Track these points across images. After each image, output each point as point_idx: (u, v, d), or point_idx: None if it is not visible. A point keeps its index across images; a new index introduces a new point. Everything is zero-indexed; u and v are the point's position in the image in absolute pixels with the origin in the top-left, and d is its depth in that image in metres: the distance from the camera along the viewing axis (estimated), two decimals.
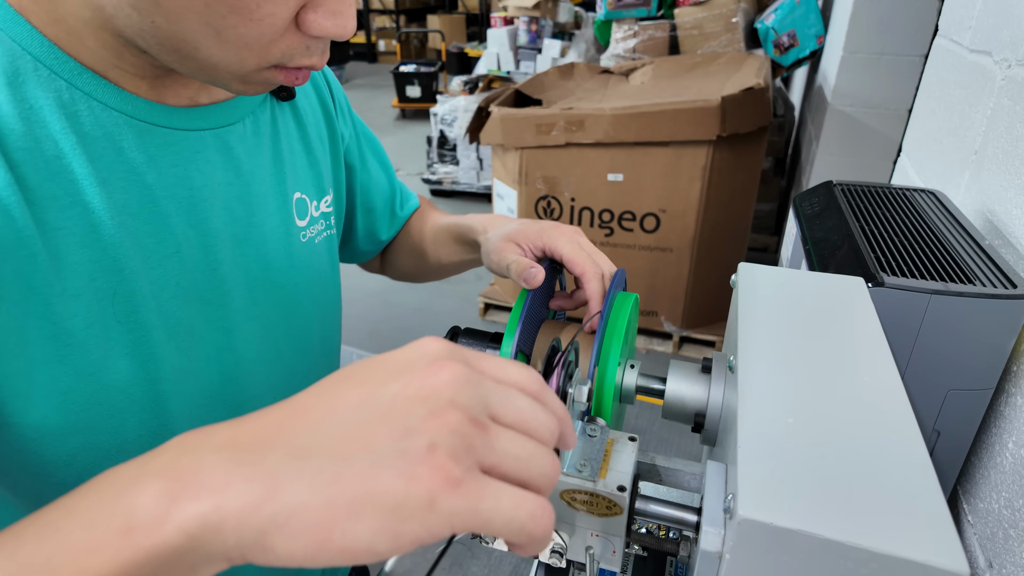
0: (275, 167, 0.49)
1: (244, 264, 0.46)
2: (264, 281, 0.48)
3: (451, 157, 3.79)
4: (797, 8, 2.30)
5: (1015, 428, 0.50)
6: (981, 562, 0.52)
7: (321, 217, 0.54)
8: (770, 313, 0.40)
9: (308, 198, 0.53)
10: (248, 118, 0.47)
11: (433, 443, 0.22)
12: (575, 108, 1.96)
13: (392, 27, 8.64)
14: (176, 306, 0.42)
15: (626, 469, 0.34)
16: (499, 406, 0.25)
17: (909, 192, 0.68)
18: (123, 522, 0.21)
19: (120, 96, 0.38)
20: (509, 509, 0.23)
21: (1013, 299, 0.46)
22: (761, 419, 0.31)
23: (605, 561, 0.35)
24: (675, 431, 1.92)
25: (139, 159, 0.39)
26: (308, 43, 0.36)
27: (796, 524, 0.26)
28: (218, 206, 0.44)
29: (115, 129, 0.38)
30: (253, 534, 0.21)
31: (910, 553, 0.25)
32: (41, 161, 0.35)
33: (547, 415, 0.26)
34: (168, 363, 0.42)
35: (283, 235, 0.49)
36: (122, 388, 0.40)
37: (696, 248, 2.05)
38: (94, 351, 0.38)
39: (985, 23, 0.76)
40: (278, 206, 0.49)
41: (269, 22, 0.33)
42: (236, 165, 0.45)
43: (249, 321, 0.47)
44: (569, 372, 0.34)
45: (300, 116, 0.53)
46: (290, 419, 0.24)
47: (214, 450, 0.23)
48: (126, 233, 0.38)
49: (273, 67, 0.37)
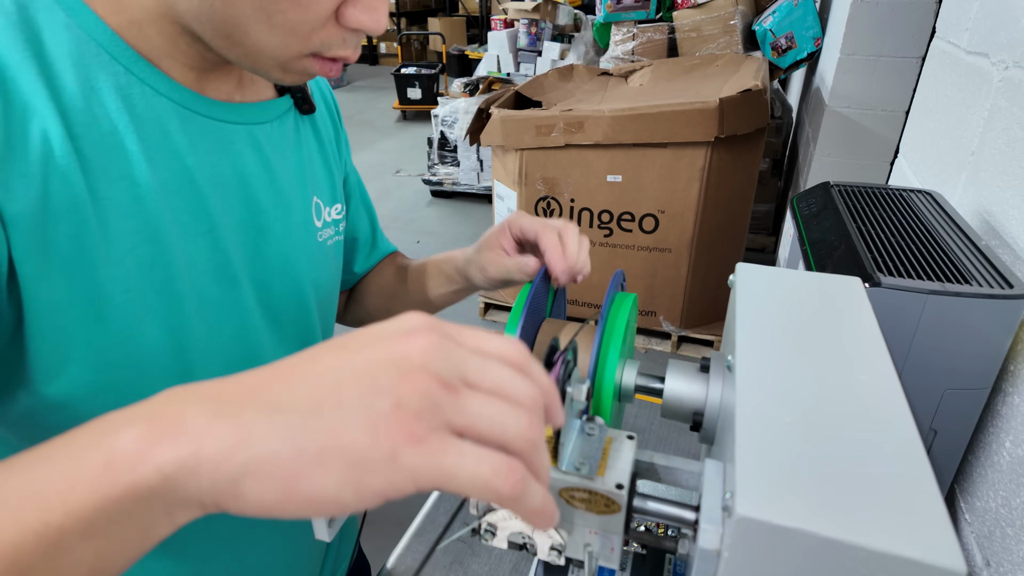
0: (297, 170, 0.52)
1: (266, 253, 0.49)
2: (282, 272, 0.50)
3: (452, 158, 3.80)
4: (795, 10, 2.31)
5: (1012, 427, 0.50)
6: (978, 560, 0.52)
7: (332, 223, 0.57)
8: (768, 313, 0.40)
9: (323, 204, 0.56)
10: (275, 121, 0.50)
11: (399, 402, 0.23)
12: (575, 110, 1.96)
13: (393, 30, 8.65)
14: (206, 282, 0.45)
15: (624, 467, 0.34)
16: (474, 373, 0.26)
17: (906, 193, 0.68)
18: (104, 457, 0.23)
19: (169, 84, 0.42)
20: (472, 464, 0.23)
21: (1009, 299, 0.47)
22: (759, 418, 0.31)
23: (604, 559, 0.35)
24: (674, 430, 1.92)
25: (182, 142, 0.42)
26: (344, 35, 0.39)
27: (794, 522, 0.26)
28: (247, 195, 0.47)
29: (163, 113, 0.41)
30: (226, 480, 0.22)
31: (907, 551, 0.25)
32: (97, 136, 0.38)
33: (527, 383, 0.26)
34: (197, 335, 0.44)
35: (303, 232, 0.52)
36: (154, 353, 0.42)
37: (694, 248, 2.05)
38: (131, 316, 0.40)
39: (982, 25, 0.77)
40: (300, 205, 0.52)
41: (315, 9, 0.36)
42: (265, 160, 0.48)
43: (264, 307, 0.50)
44: (568, 371, 0.35)
45: (318, 130, 0.57)
46: (271, 379, 0.25)
47: (198, 401, 0.24)
48: (167, 208, 0.41)
49: (311, 56, 0.39)
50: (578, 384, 0.34)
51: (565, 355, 0.36)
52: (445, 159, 3.82)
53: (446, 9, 9.47)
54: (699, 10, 2.49)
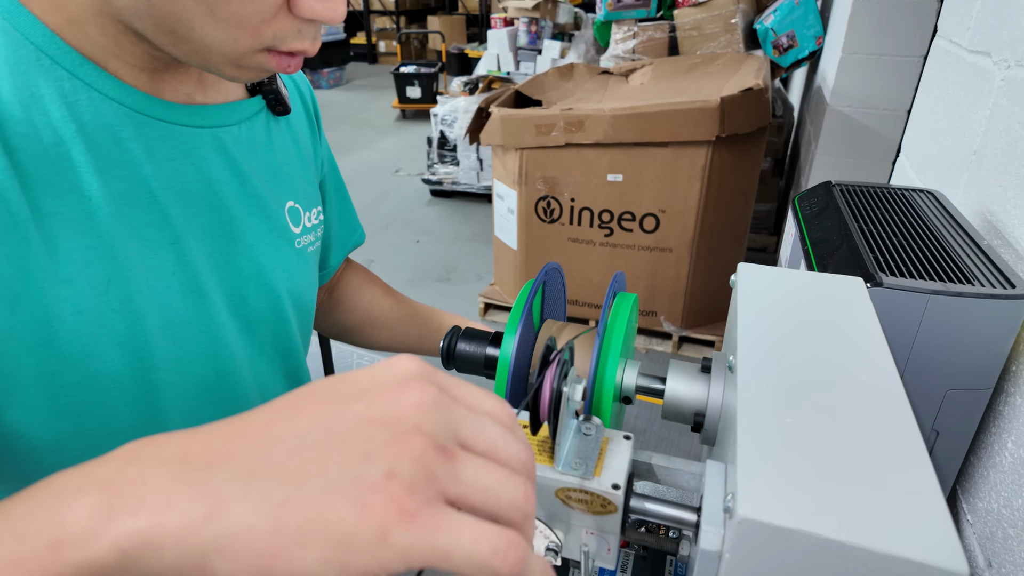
0: (271, 174, 0.50)
1: (238, 262, 0.47)
2: (256, 282, 0.48)
3: (451, 158, 3.79)
4: (796, 9, 2.31)
5: (1014, 428, 0.50)
6: (980, 561, 0.52)
7: (312, 228, 0.55)
8: (769, 313, 0.40)
9: (301, 208, 0.53)
10: (244, 123, 0.47)
11: (391, 470, 0.21)
12: (575, 109, 1.96)
13: (392, 28, 8.64)
14: (171, 297, 0.42)
15: (621, 467, 0.34)
16: (469, 432, 0.24)
17: (908, 192, 0.68)
18: (53, 534, 0.20)
19: (119, 87, 0.39)
20: (470, 544, 0.21)
21: (1012, 299, 0.46)
22: (760, 419, 0.31)
23: (600, 559, 0.35)
24: (675, 431, 1.92)
25: (137, 150, 0.40)
26: (300, 26, 0.36)
27: (795, 524, 0.26)
28: (214, 202, 0.44)
29: (114, 120, 0.39)
30: (193, 555, 0.20)
31: (909, 552, 0.25)
32: (40, 148, 0.35)
33: (519, 445, 0.25)
34: (162, 353, 0.42)
35: (278, 239, 0.50)
36: (114, 375, 0.40)
37: (695, 248, 2.05)
38: (84, 337, 0.38)
39: (984, 24, 0.77)
40: (274, 211, 0.50)
41: (260, 3, 0.34)
42: (233, 165, 0.46)
43: (237, 319, 0.48)
44: (564, 371, 0.34)
45: (294, 131, 0.54)
46: (244, 435, 0.23)
47: (161, 463, 0.22)
48: (123, 222, 0.39)
49: (265, 51, 0.37)
50: (574, 384, 0.34)
51: (561, 355, 0.36)
52: (445, 158, 3.81)
53: (446, 7, 9.47)
54: (700, 8, 2.48)
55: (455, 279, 2.85)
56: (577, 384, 0.34)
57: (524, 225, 2.19)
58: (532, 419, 0.36)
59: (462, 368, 0.47)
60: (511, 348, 0.40)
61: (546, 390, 0.34)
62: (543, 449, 0.36)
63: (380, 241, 3.25)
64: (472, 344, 0.46)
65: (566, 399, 0.33)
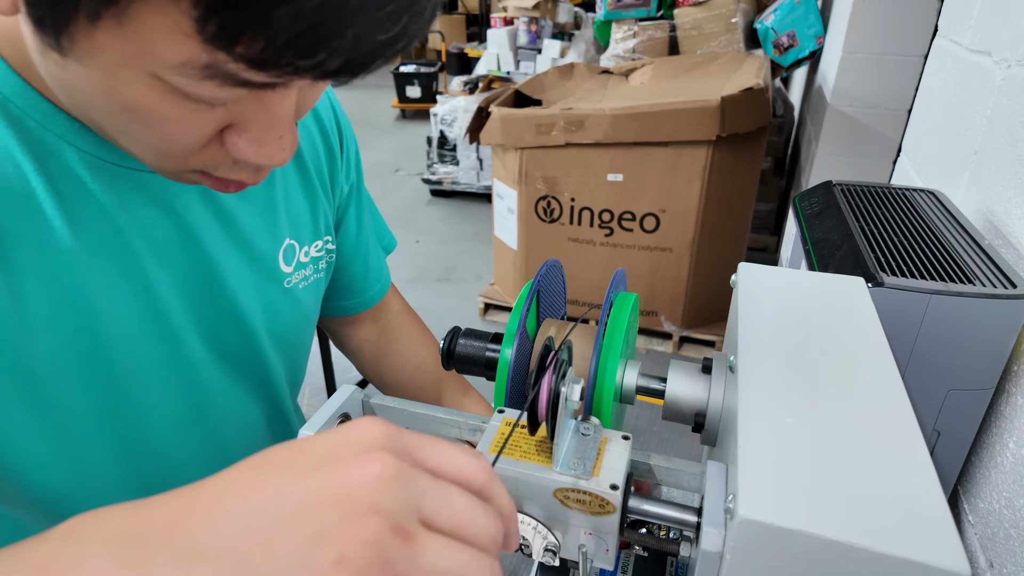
0: (266, 213, 0.49)
1: (215, 304, 0.46)
2: (233, 322, 0.48)
3: (451, 157, 3.79)
4: (796, 8, 2.30)
5: (1015, 428, 0.50)
6: (982, 562, 0.52)
7: (310, 262, 0.54)
8: (770, 313, 0.40)
9: (298, 244, 0.52)
10: None
11: (342, 556, 0.20)
12: (575, 108, 1.96)
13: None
14: (141, 342, 0.42)
15: (619, 467, 0.34)
16: (433, 508, 0.22)
17: (909, 192, 0.68)
18: None
19: (90, 138, 0.37)
20: None
21: (1013, 299, 0.46)
22: (761, 419, 0.31)
23: (599, 560, 0.35)
24: (675, 431, 1.92)
25: (110, 201, 0.39)
26: (235, 160, 0.34)
27: (797, 524, 0.26)
28: (193, 249, 0.44)
29: (85, 172, 0.37)
30: None
31: (911, 553, 0.25)
32: (12, 199, 0.35)
33: (489, 518, 0.23)
34: (134, 398, 0.42)
35: (263, 281, 0.49)
36: (84, 421, 0.40)
37: (696, 248, 2.05)
38: (51, 387, 0.38)
39: (985, 23, 0.76)
40: (263, 251, 0.49)
41: (179, 140, 0.31)
42: (218, 209, 0.45)
43: (212, 355, 0.47)
44: (562, 371, 0.34)
45: (302, 159, 0.52)
46: (192, 511, 0.21)
47: (101, 543, 0.20)
48: (93, 272, 0.38)
49: (199, 172, 0.35)
50: (572, 384, 0.33)
51: (559, 355, 0.36)
52: (444, 158, 3.81)
53: (445, 7, 9.46)
54: (700, 8, 2.48)
55: (455, 279, 2.85)
56: (575, 384, 0.34)
57: (524, 225, 2.19)
58: (530, 419, 0.35)
59: (462, 369, 0.47)
60: (511, 348, 0.40)
61: (544, 390, 0.34)
62: (541, 449, 0.36)
63: None
64: (472, 345, 0.46)
65: (564, 399, 0.33)
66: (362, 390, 0.43)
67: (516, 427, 0.37)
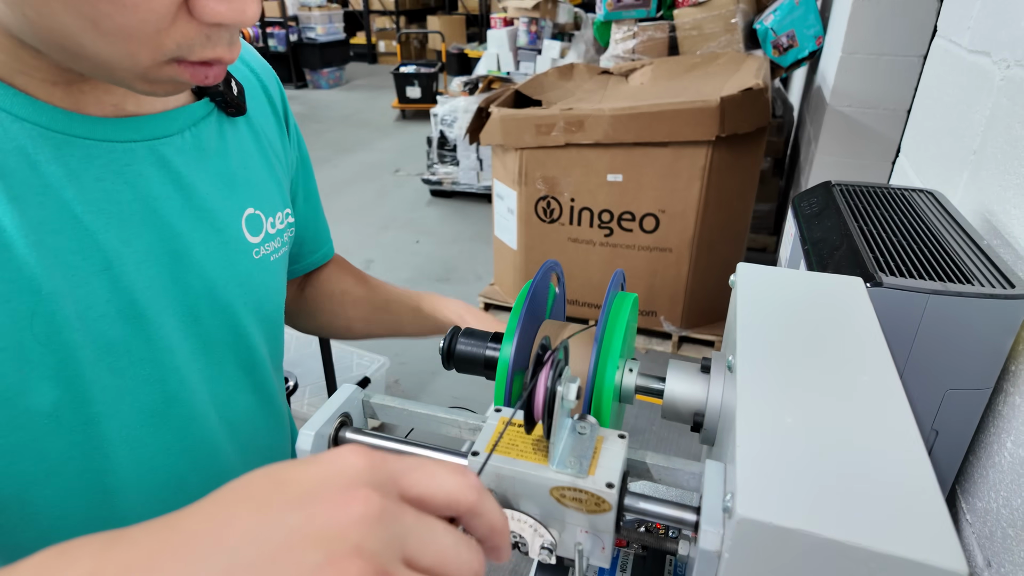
0: (224, 182, 0.47)
1: (187, 281, 0.44)
2: (209, 299, 0.46)
3: (451, 158, 3.79)
4: (796, 9, 2.30)
5: (1013, 427, 0.50)
6: (979, 561, 0.52)
7: (277, 234, 0.52)
8: (769, 313, 0.40)
9: (264, 214, 0.51)
10: (188, 131, 0.44)
11: None
12: (575, 109, 1.96)
13: (392, 28, 8.64)
14: (107, 325, 0.40)
15: (615, 466, 0.34)
16: (416, 547, 0.22)
17: (908, 192, 0.68)
18: None
19: (32, 106, 0.35)
20: None
21: (1011, 299, 0.46)
22: (760, 418, 0.31)
23: (595, 558, 0.35)
24: (674, 430, 1.92)
25: (56, 173, 0.37)
26: (208, 32, 0.33)
27: (795, 523, 0.26)
28: (154, 221, 0.41)
29: (27, 142, 0.35)
30: None
31: (908, 552, 0.25)
32: None
33: (471, 553, 0.23)
34: (99, 384, 0.40)
35: (231, 252, 0.47)
36: (46, 411, 0.38)
37: (695, 248, 2.05)
38: (10, 375, 0.36)
39: (984, 24, 0.77)
40: (227, 222, 0.47)
41: (147, 8, 0.30)
42: (176, 178, 0.43)
43: (190, 339, 0.45)
44: (559, 370, 0.34)
45: (257, 130, 0.51)
46: (167, 551, 0.20)
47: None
48: (44, 252, 0.36)
49: (175, 62, 0.33)
50: (569, 383, 0.34)
51: (555, 354, 0.36)
52: (444, 158, 3.81)
53: (445, 7, 9.47)
54: (700, 8, 2.48)
55: (455, 279, 2.85)
56: (571, 383, 0.34)
57: (524, 225, 2.19)
58: (527, 418, 0.36)
59: (461, 368, 0.47)
60: (511, 348, 0.40)
61: (540, 389, 0.34)
62: (538, 448, 0.36)
63: (380, 241, 3.25)
64: (472, 344, 0.46)
65: (560, 398, 0.33)
66: (362, 389, 0.43)
67: (514, 426, 0.38)
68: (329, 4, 7.13)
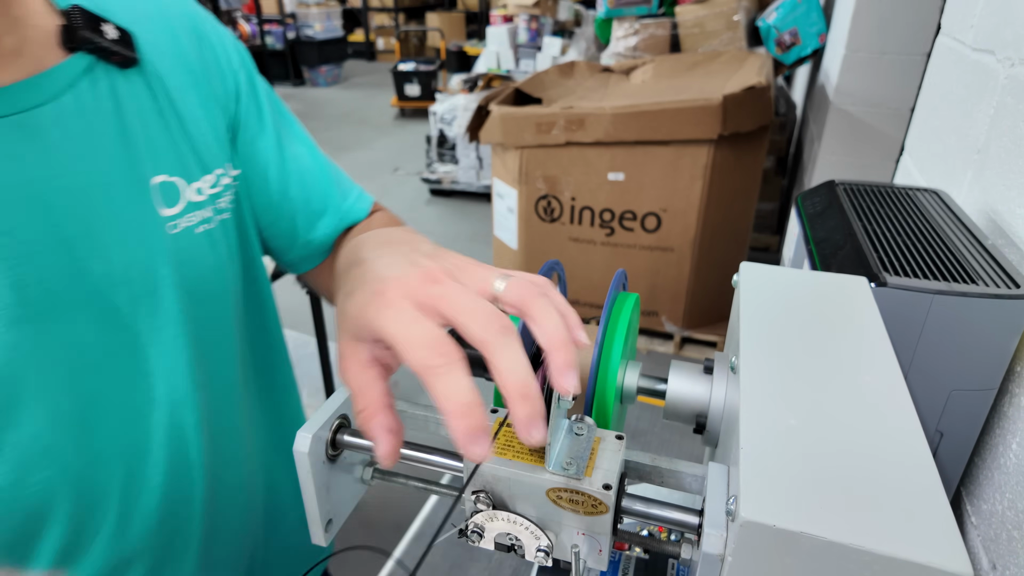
0: (122, 148, 0.41)
1: (87, 268, 0.38)
2: (123, 286, 0.40)
3: (450, 156, 3.79)
4: (799, 6, 2.30)
5: (1019, 429, 0.50)
6: (984, 564, 0.52)
7: (209, 200, 0.46)
8: (772, 313, 0.40)
9: (183, 180, 0.44)
10: (66, 95, 0.38)
11: None
12: (575, 107, 1.95)
13: (391, 25, 8.63)
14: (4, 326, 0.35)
15: (612, 467, 0.34)
16: None
17: (912, 191, 0.68)
18: None
19: None
20: None
21: (1017, 299, 0.46)
22: (763, 420, 0.31)
23: (592, 560, 0.35)
24: (676, 432, 1.92)
25: None
26: None
27: (799, 526, 0.26)
28: (37, 206, 0.36)
29: None
30: None
31: (913, 555, 0.25)
32: None
33: None
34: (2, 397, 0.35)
35: (139, 229, 0.41)
36: None
37: (697, 248, 2.04)
38: None
39: (987, 22, 0.76)
40: (131, 195, 0.41)
41: None
42: (53, 154, 0.37)
43: (109, 333, 0.40)
44: None
45: (161, 83, 0.44)
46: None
47: None
48: None
49: None
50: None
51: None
52: (444, 157, 3.81)
53: (445, 4, 9.46)
54: (702, 5, 2.47)
55: None
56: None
57: (524, 224, 2.19)
58: None
59: None
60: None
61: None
62: (535, 449, 0.35)
63: None
64: (470, 345, 0.46)
65: (556, 399, 0.33)
66: None
67: (510, 427, 0.37)
68: (327, 1, 7.12)
